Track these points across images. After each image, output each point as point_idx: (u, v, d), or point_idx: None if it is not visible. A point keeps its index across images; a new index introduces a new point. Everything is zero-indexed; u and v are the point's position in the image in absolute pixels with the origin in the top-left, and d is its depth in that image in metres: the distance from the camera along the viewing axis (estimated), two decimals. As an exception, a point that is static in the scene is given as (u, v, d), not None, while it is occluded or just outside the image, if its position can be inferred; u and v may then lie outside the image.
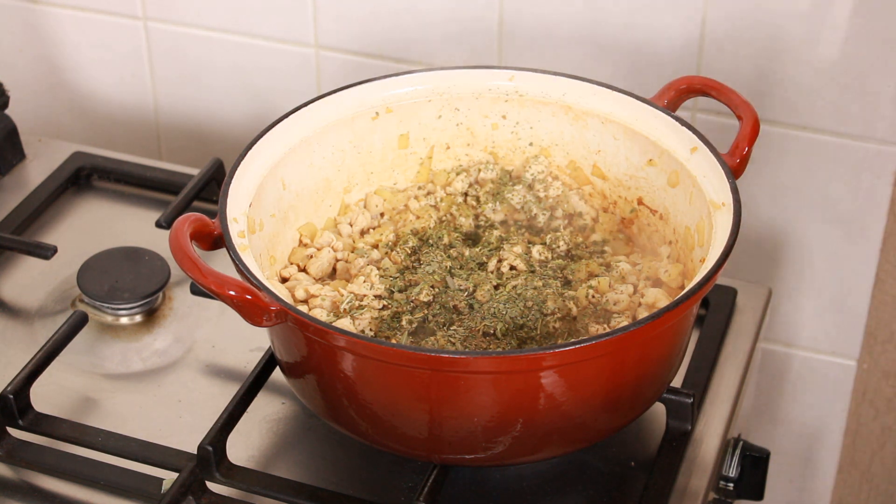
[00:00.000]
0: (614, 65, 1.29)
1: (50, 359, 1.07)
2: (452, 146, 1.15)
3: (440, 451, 0.96)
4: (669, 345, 0.97)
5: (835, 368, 1.39)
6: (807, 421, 1.43)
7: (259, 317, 0.91)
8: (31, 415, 1.05)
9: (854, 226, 1.30)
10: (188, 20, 1.43)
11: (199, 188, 1.25)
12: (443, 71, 1.14)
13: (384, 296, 1.02)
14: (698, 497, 1.00)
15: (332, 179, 1.12)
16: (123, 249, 1.20)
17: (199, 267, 0.93)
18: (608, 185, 1.12)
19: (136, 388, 1.10)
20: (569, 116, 1.12)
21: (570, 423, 0.94)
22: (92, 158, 1.33)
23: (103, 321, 1.16)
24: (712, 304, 1.16)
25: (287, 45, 1.40)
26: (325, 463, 1.03)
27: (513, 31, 1.31)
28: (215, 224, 0.98)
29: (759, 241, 1.33)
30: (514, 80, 1.13)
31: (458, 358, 0.88)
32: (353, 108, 1.11)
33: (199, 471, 0.99)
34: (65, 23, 1.48)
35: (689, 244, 1.04)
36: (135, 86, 1.50)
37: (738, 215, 0.97)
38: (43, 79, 1.54)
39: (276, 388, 1.07)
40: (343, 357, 0.92)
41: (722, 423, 1.06)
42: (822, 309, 1.36)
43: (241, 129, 1.48)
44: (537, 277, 1.03)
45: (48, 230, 1.27)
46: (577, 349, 0.88)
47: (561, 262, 1.06)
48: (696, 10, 1.23)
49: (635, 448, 1.04)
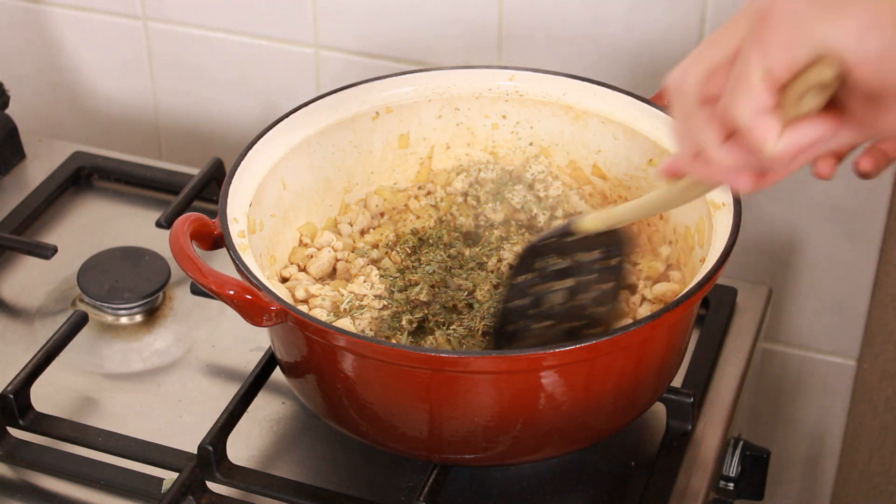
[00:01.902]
0: (614, 65, 1.29)
1: (50, 359, 1.07)
2: (452, 146, 1.15)
3: (440, 451, 0.96)
4: (670, 344, 0.97)
5: (835, 368, 1.39)
6: (807, 421, 1.43)
7: (259, 317, 0.91)
8: (32, 415, 1.05)
9: (854, 226, 1.30)
10: (188, 20, 1.43)
11: (199, 188, 1.25)
12: (443, 71, 1.14)
13: (384, 296, 1.02)
14: (698, 497, 1.00)
15: (332, 179, 1.12)
16: (123, 249, 1.20)
17: (200, 267, 0.93)
18: (608, 184, 1.12)
19: (136, 388, 1.10)
20: (569, 116, 1.12)
21: (569, 423, 0.94)
22: (92, 158, 1.33)
23: (103, 321, 1.16)
24: (712, 304, 1.16)
25: (287, 45, 1.40)
26: (325, 463, 1.03)
27: (513, 31, 1.31)
28: (215, 224, 0.98)
29: (759, 241, 1.33)
30: (514, 80, 1.13)
31: (458, 358, 0.88)
32: (353, 108, 1.11)
33: (199, 471, 0.99)
34: (65, 23, 1.48)
35: (690, 244, 1.04)
36: (135, 86, 1.50)
37: (739, 215, 0.97)
38: (43, 79, 1.54)
39: (276, 388, 1.07)
40: (343, 357, 0.92)
41: (722, 423, 1.06)
42: (822, 309, 1.36)
43: (241, 129, 1.48)
44: None
45: (48, 230, 1.27)
46: (577, 349, 0.88)
47: (561, 262, 1.06)
48: (696, 10, 1.23)
49: (635, 448, 1.04)
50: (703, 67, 0.74)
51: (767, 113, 0.70)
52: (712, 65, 0.73)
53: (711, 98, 0.74)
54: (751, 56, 0.70)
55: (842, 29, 0.68)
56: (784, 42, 0.69)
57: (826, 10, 0.68)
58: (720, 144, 0.74)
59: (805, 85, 0.69)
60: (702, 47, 0.75)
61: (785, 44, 0.69)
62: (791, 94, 0.70)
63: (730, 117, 0.72)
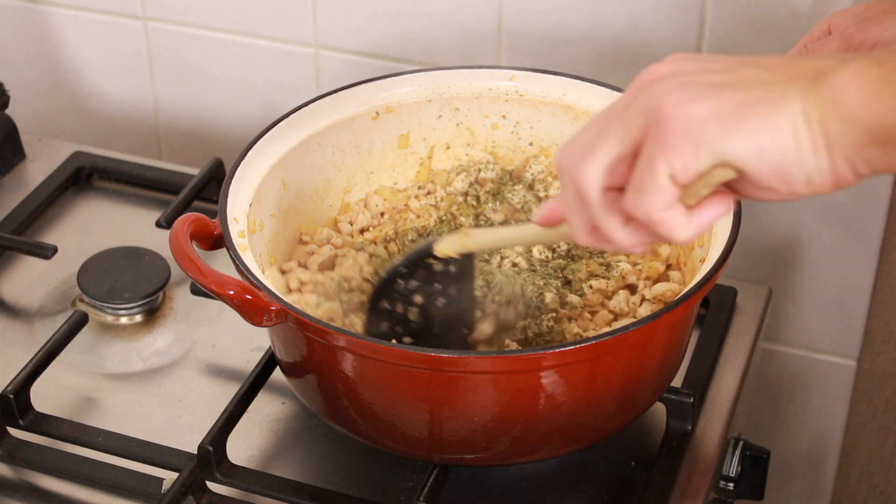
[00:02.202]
0: (614, 65, 1.29)
1: (50, 359, 1.07)
2: (452, 146, 1.15)
3: (440, 451, 0.96)
4: (670, 344, 0.97)
5: (835, 368, 1.39)
6: (807, 421, 1.43)
7: (259, 317, 0.91)
8: (32, 415, 1.05)
9: (854, 226, 1.30)
10: (188, 20, 1.43)
11: (199, 188, 1.25)
12: (443, 71, 1.14)
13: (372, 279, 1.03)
14: (698, 497, 1.00)
15: (333, 179, 1.12)
16: (123, 249, 1.20)
17: (199, 267, 0.93)
18: (608, 185, 1.12)
19: (136, 388, 1.10)
20: (569, 116, 1.12)
21: (570, 423, 0.94)
22: (92, 158, 1.33)
23: (103, 321, 1.16)
24: (712, 304, 1.16)
25: (287, 45, 1.40)
26: (325, 463, 1.03)
27: (513, 31, 1.31)
28: (215, 224, 0.98)
29: (759, 241, 1.33)
30: (514, 80, 1.13)
31: (458, 358, 0.88)
32: (353, 108, 1.11)
33: (199, 471, 0.99)
34: (65, 22, 1.48)
35: (689, 244, 1.04)
36: (135, 86, 1.50)
37: (739, 215, 0.97)
38: (43, 79, 1.54)
39: (276, 388, 1.07)
40: (343, 357, 0.92)
41: (722, 423, 1.06)
42: (822, 309, 1.36)
43: (241, 129, 1.48)
44: (538, 276, 1.04)
45: (48, 230, 1.27)
46: (577, 349, 0.89)
47: (561, 262, 1.06)
48: (696, 10, 1.23)
49: (635, 448, 1.04)
50: (602, 161, 0.75)
51: (673, 207, 0.74)
52: (611, 159, 0.75)
53: (608, 188, 0.76)
54: (655, 161, 0.72)
55: (742, 145, 0.71)
56: (687, 151, 0.71)
57: (727, 122, 0.71)
58: (623, 228, 0.77)
59: (707, 184, 0.73)
60: (595, 137, 0.76)
61: (688, 153, 0.71)
62: (693, 189, 0.74)
63: (638, 213, 0.74)
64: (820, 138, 0.70)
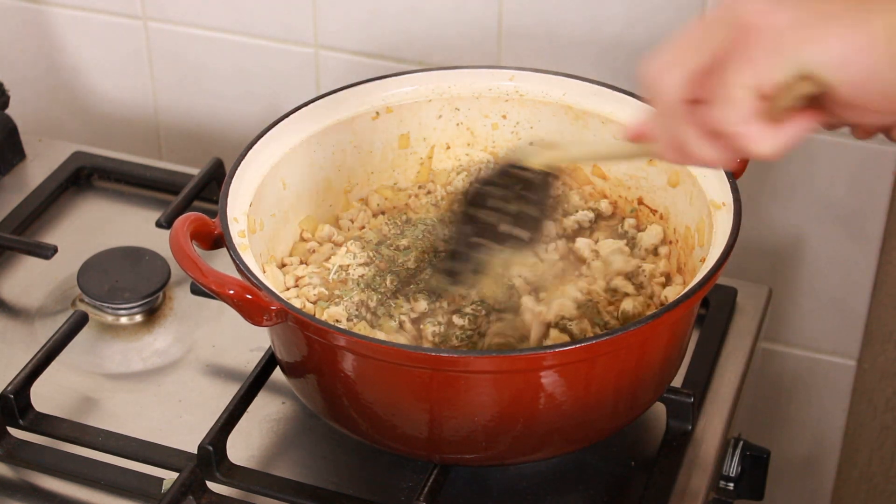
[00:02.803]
0: (614, 65, 1.29)
1: (50, 359, 1.07)
2: (453, 146, 1.15)
3: (440, 451, 0.96)
4: (670, 344, 0.97)
5: (835, 368, 1.39)
6: (807, 420, 1.43)
7: (259, 316, 0.91)
8: (32, 415, 1.05)
9: (854, 226, 1.30)
10: (188, 20, 1.43)
11: (199, 188, 1.25)
12: (443, 71, 1.14)
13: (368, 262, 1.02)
14: (698, 497, 1.00)
15: (333, 179, 1.12)
16: (123, 249, 1.20)
17: (200, 267, 0.93)
18: (608, 184, 1.12)
19: (136, 388, 1.10)
20: (569, 116, 1.12)
21: (569, 423, 0.94)
22: (92, 158, 1.33)
23: (103, 321, 1.16)
24: (712, 304, 1.16)
25: (287, 45, 1.40)
26: (325, 463, 1.03)
27: (513, 31, 1.31)
28: (215, 224, 0.98)
29: (759, 240, 1.33)
30: (514, 80, 1.13)
31: (458, 358, 0.88)
32: (353, 108, 1.11)
33: (199, 471, 0.99)
34: (65, 22, 1.48)
35: (690, 244, 1.04)
36: (135, 86, 1.50)
37: (739, 215, 0.97)
38: (43, 79, 1.54)
39: (276, 388, 1.07)
40: (343, 357, 0.92)
41: (722, 423, 1.06)
42: (822, 309, 1.36)
43: (241, 129, 1.48)
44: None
45: (48, 230, 1.27)
46: (577, 349, 0.89)
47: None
48: (696, 10, 1.23)
49: (635, 448, 1.04)
50: (683, 72, 0.75)
51: (754, 120, 0.73)
52: (691, 70, 0.74)
53: (691, 100, 0.75)
54: (734, 70, 0.72)
55: (825, 53, 0.70)
56: (769, 60, 0.71)
57: (810, 30, 0.70)
58: (703, 141, 0.76)
59: (789, 97, 0.72)
60: (678, 48, 0.76)
61: (770, 62, 0.71)
62: (775, 103, 0.72)
63: (717, 125, 0.73)
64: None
